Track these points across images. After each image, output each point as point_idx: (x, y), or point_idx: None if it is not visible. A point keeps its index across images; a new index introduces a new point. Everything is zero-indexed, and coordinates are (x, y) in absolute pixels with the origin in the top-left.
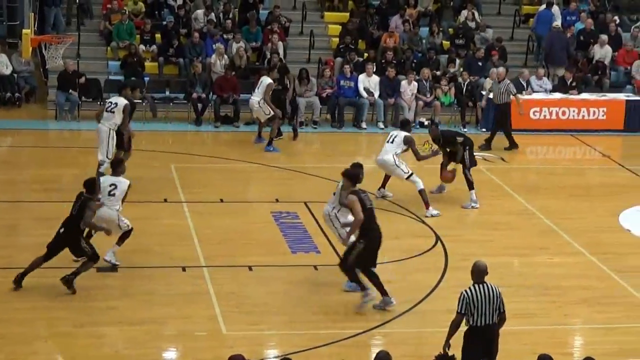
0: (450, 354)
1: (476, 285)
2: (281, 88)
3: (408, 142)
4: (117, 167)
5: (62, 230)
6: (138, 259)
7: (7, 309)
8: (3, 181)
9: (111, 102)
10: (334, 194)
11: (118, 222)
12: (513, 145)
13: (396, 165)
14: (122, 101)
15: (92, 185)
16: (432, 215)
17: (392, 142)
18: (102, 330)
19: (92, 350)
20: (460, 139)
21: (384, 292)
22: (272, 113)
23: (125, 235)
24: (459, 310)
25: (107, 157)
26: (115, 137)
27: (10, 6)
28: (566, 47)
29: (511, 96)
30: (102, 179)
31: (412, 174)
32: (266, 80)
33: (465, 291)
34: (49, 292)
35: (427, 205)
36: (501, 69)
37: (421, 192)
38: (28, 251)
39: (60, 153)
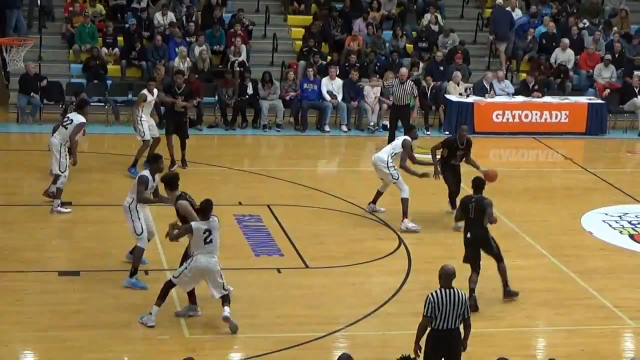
0: (416, 356)
1: (443, 290)
2: None
3: (404, 146)
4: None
5: None
6: (101, 262)
7: None
8: None
9: (68, 118)
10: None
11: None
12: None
13: (387, 166)
14: (78, 118)
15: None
16: (407, 229)
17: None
18: (64, 335)
19: (54, 355)
20: None
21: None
22: None
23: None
24: (425, 314)
25: (59, 170)
26: (66, 152)
27: None
28: (510, 22)
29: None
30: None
31: (399, 180)
32: None
33: (432, 294)
34: (11, 297)
35: (404, 215)
36: (404, 69)
37: (404, 200)
38: None
39: (22, 156)
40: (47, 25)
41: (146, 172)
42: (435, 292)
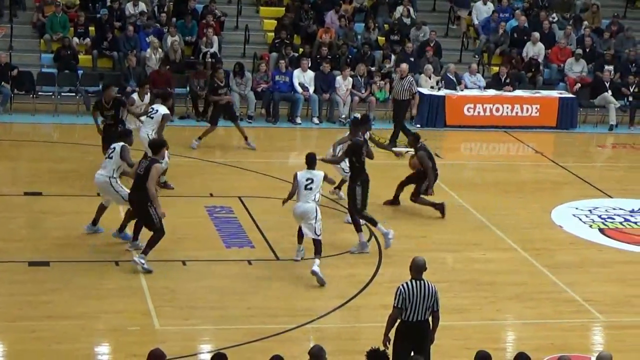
0: (386, 347)
1: (413, 281)
2: None
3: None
4: None
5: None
6: (71, 252)
7: None
8: None
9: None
10: (110, 157)
11: None
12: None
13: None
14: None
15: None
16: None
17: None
18: (34, 325)
19: (24, 345)
20: None
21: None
22: None
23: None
24: (395, 305)
25: None
26: None
27: None
28: None
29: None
30: None
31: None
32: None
33: (402, 285)
34: None
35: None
36: (404, 65)
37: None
38: None
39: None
40: (18, 14)
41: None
42: (406, 283)
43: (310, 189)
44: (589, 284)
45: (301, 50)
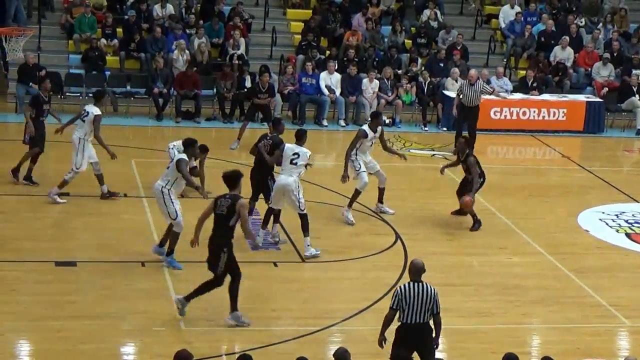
0: (381, 347)
1: (411, 283)
2: None
3: (357, 134)
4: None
5: None
6: (97, 253)
7: None
8: None
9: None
10: (168, 168)
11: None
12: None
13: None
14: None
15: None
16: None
17: None
18: (60, 325)
19: (49, 345)
20: None
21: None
22: None
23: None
24: (391, 305)
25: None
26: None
27: None
28: None
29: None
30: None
31: (362, 171)
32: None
33: (400, 287)
34: (6, 286)
35: (349, 205)
36: (473, 72)
37: (357, 191)
38: None
39: (20, 146)
40: (47, 15)
41: (184, 156)
42: (404, 285)
43: (295, 164)
44: (615, 288)
45: (328, 52)
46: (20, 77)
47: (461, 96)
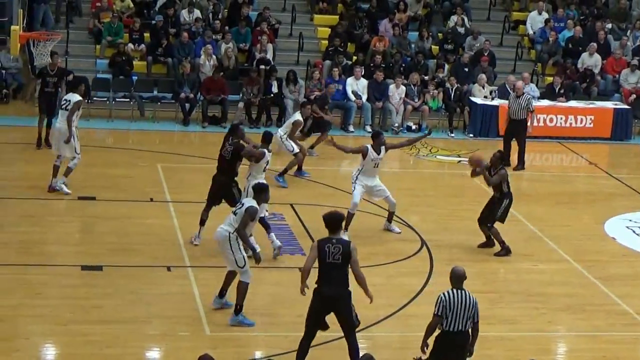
0: (423, 353)
1: (453, 290)
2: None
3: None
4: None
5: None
6: (123, 258)
7: None
8: None
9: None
10: (234, 213)
11: None
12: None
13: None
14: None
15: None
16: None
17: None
18: (86, 329)
19: (75, 349)
20: None
21: None
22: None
23: None
24: (436, 312)
25: (75, 152)
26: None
27: None
28: None
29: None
30: None
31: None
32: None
33: (443, 294)
34: (32, 290)
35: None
36: (520, 83)
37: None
38: (11, 248)
39: (47, 150)
40: (74, 20)
41: (254, 203)
42: (447, 292)
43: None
44: None
45: (355, 58)
46: None
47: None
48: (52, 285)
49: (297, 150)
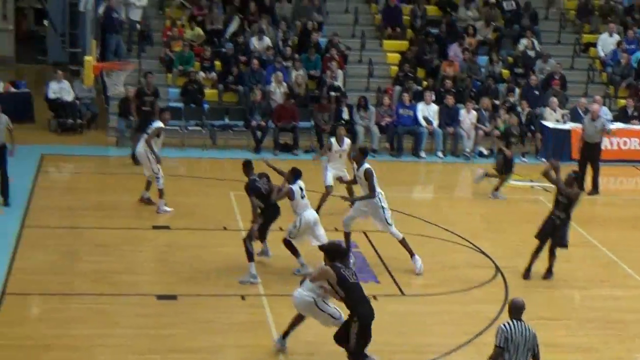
0: None
1: (513, 321)
2: None
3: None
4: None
5: None
6: (197, 286)
7: (65, 335)
8: (63, 207)
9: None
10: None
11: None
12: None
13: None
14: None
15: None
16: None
17: None
18: (160, 358)
19: None
20: None
21: None
22: None
23: None
24: (497, 344)
25: (153, 172)
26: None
27: (72, 33)
28: None
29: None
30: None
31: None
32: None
33: (504, 325)
34: (107, 319)
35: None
36: (595, 106)
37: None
38: (87, 277)
39: (121, 179)
40: (146, 49)
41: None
42: (508, 322)
43: (304, 196)
44: None
45: (425, 83)
46: (121, 110)
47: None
48: (126, 315)
49: (329, 183)
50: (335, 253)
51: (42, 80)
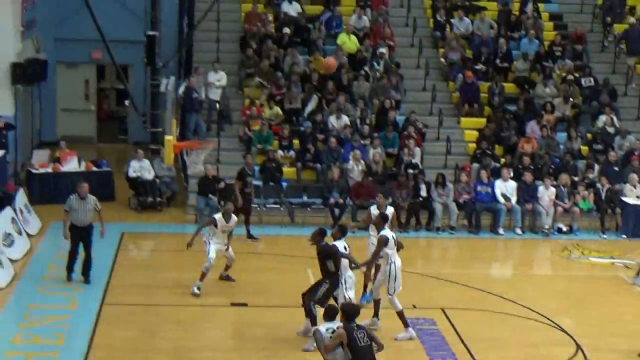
0: None
1: None
2: None
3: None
4: None
5: None
6: None
7: None
8: (143, 284)
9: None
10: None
11: None
12: None
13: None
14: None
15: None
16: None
17: None
18: None
19: None
20: None
21: None
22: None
23: None
24: None
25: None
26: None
27: (153, 113)
28: None
29: None
30: None
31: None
32: None
33: None
34: None
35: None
36: None
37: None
38: (165, 354)
39: (198, 257)
40: (225, 128)
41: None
42: None
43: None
44: None
45: (502, 160)
46: (200, 189)
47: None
48: None
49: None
50: (351, 313)
51: (122, 159)
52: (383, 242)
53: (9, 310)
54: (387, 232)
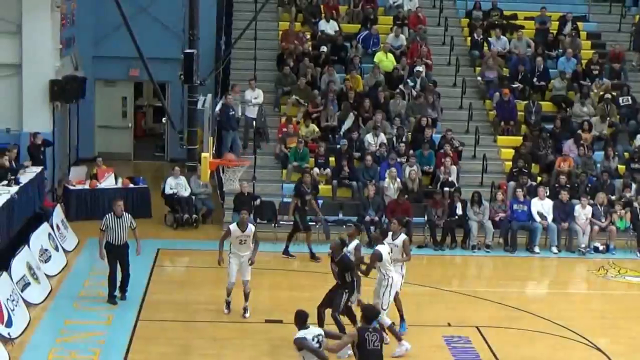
0: None
1: None
2: None
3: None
4: None
5: None
6: None
7: None
8: (179, 301)
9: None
10: None
11: None
12: None
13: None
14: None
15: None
16: None
17: None
18: None
19: None
20: None
21: None
22: None
23: None
24: None
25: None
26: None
27: (190, 131)
28: None
29: None
30: None
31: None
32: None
33: None
34: None
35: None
36: None
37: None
38: None
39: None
40: (261, 145)
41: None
42: None
43: None
44: None
45: (539, 179)
46: (236, 206)
47: None
48: None
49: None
50: (369, 315)
51: (159, 176)
52: (376, 257)
53: (45, 325)
54: (383, 247)
